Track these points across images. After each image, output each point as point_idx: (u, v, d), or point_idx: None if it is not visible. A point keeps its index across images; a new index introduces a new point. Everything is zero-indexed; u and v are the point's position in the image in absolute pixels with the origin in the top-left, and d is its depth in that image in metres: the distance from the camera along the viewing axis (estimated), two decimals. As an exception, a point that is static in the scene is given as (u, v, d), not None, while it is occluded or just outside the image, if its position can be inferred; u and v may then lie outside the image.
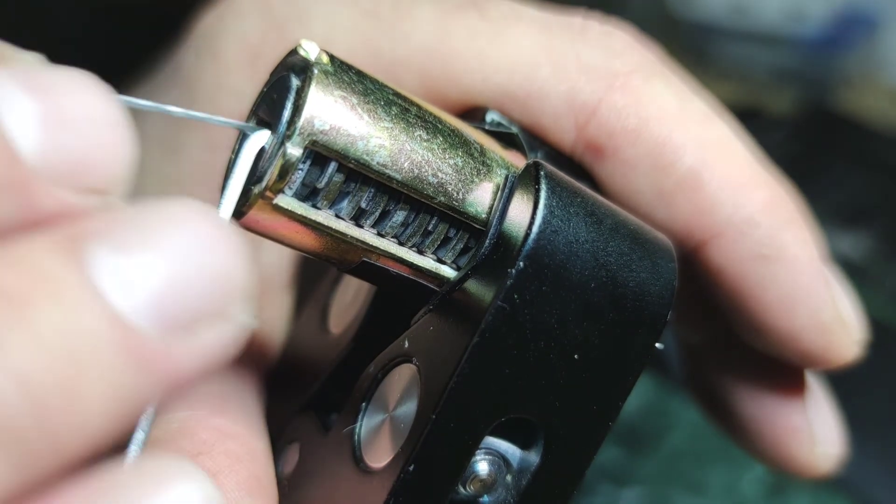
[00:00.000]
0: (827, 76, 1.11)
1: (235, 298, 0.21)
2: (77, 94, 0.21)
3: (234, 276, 0.21)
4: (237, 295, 0.21)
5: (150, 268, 0.20)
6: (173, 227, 0.20)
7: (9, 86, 0.20)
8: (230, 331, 0.21)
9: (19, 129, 0.20)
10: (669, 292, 0.28)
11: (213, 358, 0.21)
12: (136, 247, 0.20)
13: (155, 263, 0.20)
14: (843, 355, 0.33)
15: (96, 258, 0.19)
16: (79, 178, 0.21)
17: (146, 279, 0.20)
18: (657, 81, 0.32)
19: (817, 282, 0.32)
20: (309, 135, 0.25)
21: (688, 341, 0.40)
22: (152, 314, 0.20)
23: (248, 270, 0.21)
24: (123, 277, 0.19)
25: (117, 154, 0.21)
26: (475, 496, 0.28)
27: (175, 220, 0.20)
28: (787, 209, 0.33)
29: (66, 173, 0.20)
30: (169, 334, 0.20)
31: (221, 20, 0.37)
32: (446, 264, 0.28)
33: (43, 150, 0.20)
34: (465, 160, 0.28)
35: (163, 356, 0.20)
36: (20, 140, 0.20)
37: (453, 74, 0.32)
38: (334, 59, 0.26)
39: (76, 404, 0.19)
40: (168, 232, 0.20)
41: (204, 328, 0.20)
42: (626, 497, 0.59)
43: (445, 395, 0.26)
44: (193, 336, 0.20)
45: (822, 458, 0.36)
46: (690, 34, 1.11)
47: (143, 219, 0.20)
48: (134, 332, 0.19)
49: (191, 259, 0.20)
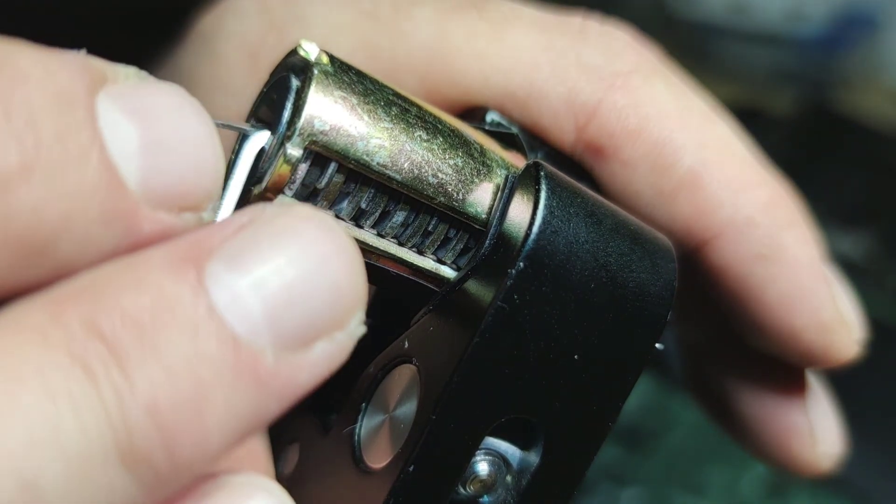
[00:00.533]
0: (827, 76, 1.11)
1: (352, 309, 0.21)
2: (172, 114, 0.21)
3: (350, 286, 0.21)
4: (353, 305, 0.21)
5: (267, 285, 0.20)
6: (290, 241, 0.20)
7: (111, 111, 0.20)
8: (344, 341, 0.21)
9: (122, 156, 0.20)
10: (669, 292, 0.28)
11: (327, 369, 0.21)
12: (254, 263, 0.20)
13: (273, 280, 0.20)
14: (844, 354, 0.33)
15: (215, 279, 0.20)
16: (176, 200, 0.21)
17: (264, 298, 0.20)
18: (657, 81, 0.32)
19: (817, 281, 0.32)
20: (309, 135, 0.25)
21: (688, 341, 0.40)
22: (269, 333, 0.20)
23: (363, 279, 0.21)
24: (241, 298, 0.20)
25: (210, 172, 0.21)
26: (475, 496, 0.28)
27: (292, 232, 0.20)
28: (787, 209, 0.33)
29: (165, 196, 0.21)
30: (286, 351, 0.20)
31: (221, 20, 0.37)
32: (446, 265, 0.28)
33: (144, 175, 0.20)
34: (465, 160, 0.28)
35: (280, 374, 0.20)
36: (124, 168, 0.20)
37: (453, 75, 0.32)
38: (334, 60, 0.26)
39: (201, 427, 0.19)
40: (285, 246, 0.20)
41: (320, 342, 0.21)
42: (626, 497, 0.59)
43: (445, 396, 0.26)
44: (309, 351, 0.20)
45: (823, 457, 0.36)
46: (690, 34, 1.11)
47: (260, 232, 0.20)
48: (253, 353, 0.20)
49: (309, 273, 0.20)
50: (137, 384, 0.19)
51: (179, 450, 0.19)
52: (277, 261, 0.20)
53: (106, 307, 0.19)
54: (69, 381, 0.18)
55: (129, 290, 0.19)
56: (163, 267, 0.20)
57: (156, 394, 0.19)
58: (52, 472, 0.18)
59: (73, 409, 0.18)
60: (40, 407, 0.18)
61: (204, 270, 0.20)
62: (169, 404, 0.19)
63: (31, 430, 0.18)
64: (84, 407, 0.18)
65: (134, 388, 0.19)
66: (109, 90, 0.20)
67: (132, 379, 0.19)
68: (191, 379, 0.19)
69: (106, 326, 0.19)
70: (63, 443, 0.18)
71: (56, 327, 0.19)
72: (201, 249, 0.20)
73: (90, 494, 0.19)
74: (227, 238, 0.20)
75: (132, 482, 0.19)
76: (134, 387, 0.19)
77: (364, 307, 0.21)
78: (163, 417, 0.19)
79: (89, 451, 0.18)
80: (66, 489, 0.18)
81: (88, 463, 0.18)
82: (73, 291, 0.19)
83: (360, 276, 0.21)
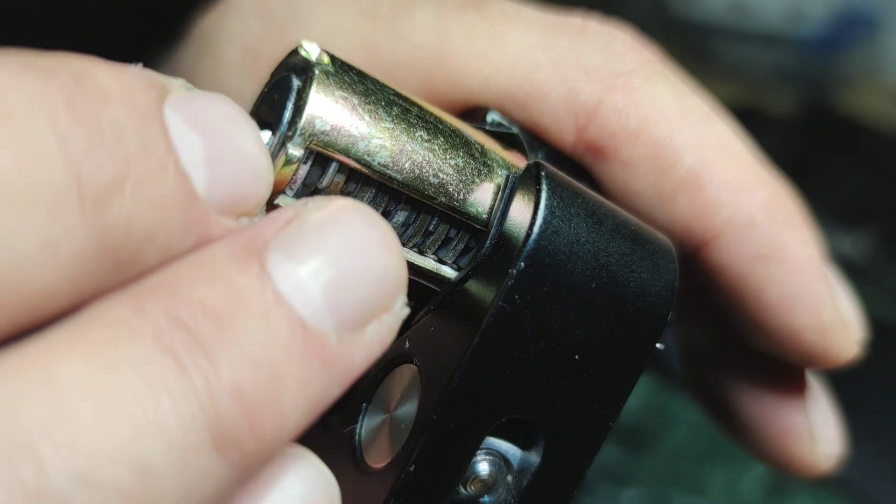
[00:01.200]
0: (827, 76, 1.11)
1: (396, 292, 0.22)
2: (228, 125, 0.22)
3: (394, 270, 0.22)
4: (397, 288, 0.22)
5: (324, 273, 0.21)
6: (339, 232, 0.22)
7: (178, 123, 0.21)
8: (391, 323, 0.23)
9: (192, 166, 0.21)
10: (670, 293, 0.28)
11: (379, 350, 0.22)
12: (309, 253, 0.21)
13: (328, 269, 0.21)
14: (844, 355, 0.33)
15: (277, 268, 0.21)
16: (237, 206, 0.22)
17: (322, 284, 0.21)
18: (657, 81, 0.32)
19: (817, 281, 0.32)
20: (310, 135, 0.25)
21: (688, 341, 0.40)
22: (330, 316, 0.21)
23: (404, 263, 0.23)
24: (303, 285, 0.21)
25: (264, 178, 0.23)
26: (476, 496, 0.28)
27: (340, 224, 0.22)
28: (788, 209, 0.33)
29: (228, 202, 0.22)
30: (345, 333, 0.22)
31: (221, 21, 0.37)
32: (447, 265, 0.28)
33: (210, 183, 0.21)
34: (466, 161, 0.28)
35: (342, 355, 0.21)
36: (194, 177, 0.21)
37: (453, 75, 0.32)
38: (335, 60, 0.26)
39: (279, 409, 0.20)
40: (335, 236, 0.22)
41: (371, 324, 0.22)
42: (626, 497, 0.59)
43: (446, 396, 0.26)
44: (364, 333, 0.22)
45: (823, 458, 0.36)
46: (690, 34, 1.11)
47: (311, 224, 0.22)
48: (319, 336, 0.21)
49: (359, 261, 0.22)
50: (222, 370, 0.20)
51: (262, 431, 0.20)
52: (329, 249, 0.21)
53: (184, 300, 0.20)
54: (162, 371, 0.19)
55: (201, 283, 0.20)
56: (228, 261, 0.21)
57: (239, 378, 0.20)
58: (158, 457, 0.19)
59: (169, 397, 0.19)
60: (140, 396, 0.19)
61: (266, 261, 0.21)
62: (251, 388, 0.20)
63: (135, 418, 0.19)
64: (179, 394, 0.19)
65: (220, 374, 0.20)
66: (171, 102, 0.21)
67: (217, 365, 0.20)
68: (268, 363, 0.20)
69: (187, 316, 0.20)
70: (164, 429, 0.19)
71: (142, 320, 0.20)
72: (260, 241, 0.21)
73: (191, 479, 0.19)
74: (278, 231, 0.22)
75: (223, 465, 0.20)
76: (220, 373, 0.20)
77: (406, 290, 0.23)
78: (247, 401, 0.20)
79: (187, 435, 0.19)
80: (171, 472, 0.19)
81: (187, 446, 0.19)
82: (151, 287, 0.20)
83: (402, 261, 0.23)
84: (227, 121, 0.22)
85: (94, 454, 0.18)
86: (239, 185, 0.22)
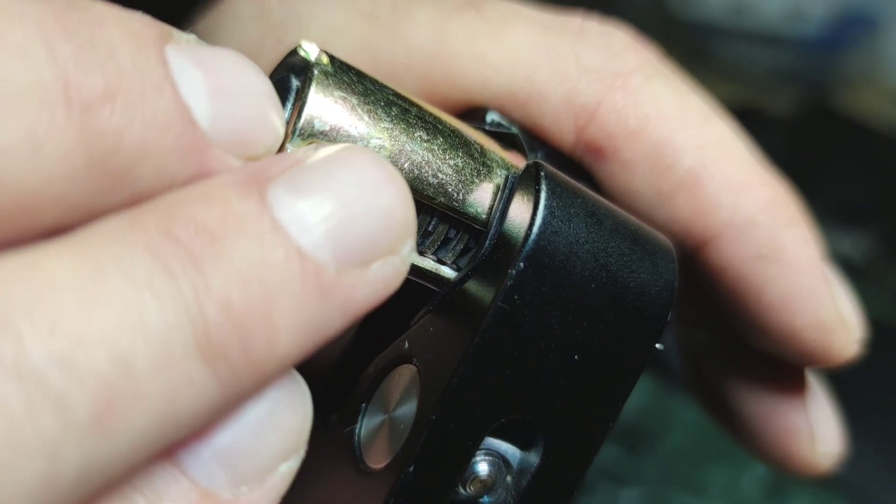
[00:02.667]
0: (827, 76, 1.11)
1: (403, 234, 0.23)
2: (234, 67, 0.22)
3: (402, 212, 0.23)
4: (405, 231, 0.23)
5: (326, 206, 0.22)
6: (344, 169, 0.22)
7: (181, 60, 0.22)
8: (398, 265, 0.23)
9: (193, 96, 0.21)
10: (670, 293, 0.28)
11: (384, 290, 0.23)
12: (313, 188, 0.22)
13: (330, 203, 0.22)
14: (844, 354, 0.33)
15: (277, 199, 0.21)
16: (242, 147, 0.22)
17: (323, 217, 0.21)
18: (657, 81, 0.32)
19: (817, 281, 0.32)
20: (309, 135, 0.25)
21: (688, 341, 0.40)
22: (331, 248, 0.21)
23: (412, 208, 0.23)
24: (302, 216, 0.21)
25: (273, 123, 0.23)
26: (475, 497, 0.28)
27: (346, 162, 0.22)
28: (787, 209, 0.33)
29: (233, 140, 0.22)
30: (346, 267, 0.22)
31: (218, 23, 0.37)
32: (446, 265, 0.28)
33: (213, 118, 0.22)
34: (466, 161, 0.28)
35: (341, 287, 0.22)
36: (195, 107, 0.21)
37: (453, 76, 0.32)
38: (334, 60, 0.26)
39: (271, 328, 0.21)
40: (340, 174, 0.22)
41: (376, 263, 0.22)
42: (626, 497, 0.59)
43: (445, 396, 0.26)
44: (367, 269, 0.22)
45: (823, 457, 0.36)
46: (690, 34, 1.11)
47: (316, 162, 0.22)
48: (316, 265, 0.21)
49: (363, 197, 0.22)
50: (212, 282, 0.20)
51: (252, 348, 0.20)
52: (334, 185, 0.22)
53: (179, 217, 0.20)
54: (150, 275, 0.20)
55: (199, 204, 0.21)
56: (229, 187, 0.21)
57: (229, 292, 0.20)
58: (139, 353, 0.19)
59: (155, 299, 0.19)
60: (124, 294, 0.19)
61: (266, 191, 0.21)
62: (242, 303, 0.20)
63: (118, 313, 0.19)
64: (165, 297, 0.20)
65: (209, 284, 0.20)
66: (175, 44, 0.22)
67: (207, 277, 0.20)
68: (260, 282, 0.20)
69: (180, 231, 0.20)
70: (147, 327, 0.19)
71: (135, 231, 0.20)
72: (263, 175, 0.22)
73: (173, 381, 0.20)
74: (286, 168, 0.22)
75: (210, 376, 0.20)
76: (209, 284, 0.20)
77: (415, 236, 0.23)
78: (236, 314, 0.20)
79: (171, 339, 0.20)
80: (152, 372, 0.19)
81: (171, 349, 0.20)
82: (148, 206, 0.21)
83: (410, 205, 0.23)
84: (235, 65, 0.22)
85: (73, 337, 0.19)
86: (245, 125, 0.22)
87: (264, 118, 0.23)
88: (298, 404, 0.23)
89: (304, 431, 0.23)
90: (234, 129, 0.22)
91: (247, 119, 0.22)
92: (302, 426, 0.23)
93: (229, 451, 0.22)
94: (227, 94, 0.22)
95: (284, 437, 0.23)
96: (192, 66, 0.22)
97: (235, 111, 0.22)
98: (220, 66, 0.22)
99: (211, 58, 0.22)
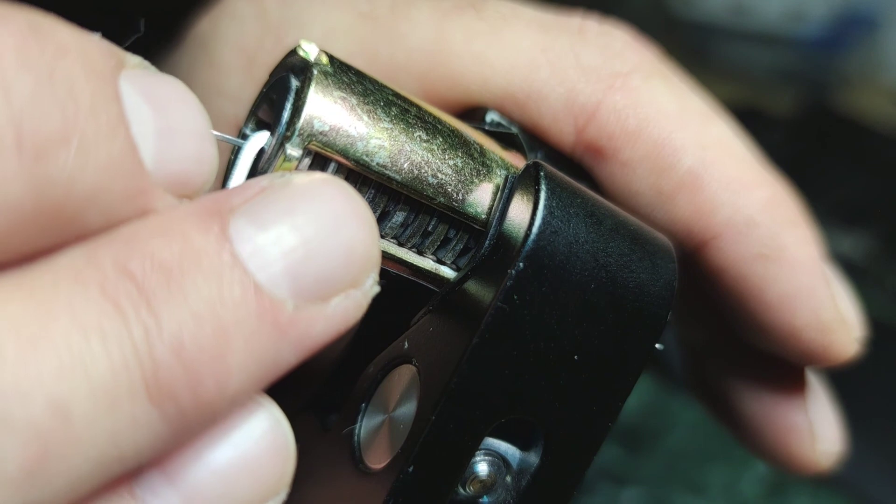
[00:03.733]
0: (827, 76, 1.11)
1: (366, 268, 0.22)
2: (180, 105, 0.22)
3: (365, 247, 0.22)
4: (367, 265, 0.22)
5: (287, 241, 0.21)
6: (310, 202, 0.22)
7: (133, 96, 0.21)
8: (359, 299, 0.22)
9: (142, 137, 0.21)
10: (669, 293, 0.28)
11: (342, 324, 0.22)
12: (275, 221, 0.21)
13: (292, 237, 0.21)
14: (844, 353, 0.33)
15: (238, 231, 0.21)
16: (181, 185, 0.22)
17: (284, 252, 0.21)
18: (656, 81, 0.32)
19: (817, 280, 0.32)
20: (308, 136, 0.25)
21: (688, 341, 0.40)
22: (289, 284, 0.21)
23: (377, 241, 0.23)
24: (263, 250, 0.21)
25: (210, 163, 0.23)
26: (475, 497, 0.28)
27: (311, 194, 0.22)
28: (787, 209, 0.33)
29: (173, 180, 0.22)
30: (304, 302, 0.21)
31: (217, 24, 0.37)
32: (446, 265, 0.28)
33: (158, 157, 0.21)
34: (465, 161, 0.28)
35: (298, 323, 0.21)
36: (143, 148, 0.21)
37: (452, 76, 0.32)
38: (334, 60, 0.26)
39: (223, 368, 0.20)
40: (304, 206, 0.22)
41: (336, 297, 0.22)
42: (626, 497, 0.59)
43: (445, 396, 0.26)
44: (327, 304, 0.22)
45: (823, 456, 0.36)
46: (690, 34, 1.11)
47: (279, 193, 0.22)
48: (273, 301, 0.21)
49: (325, 232, 0.22)
50: (165, 323, 0.20)
51: (202, 389, 0.20)
52: (297, 218, 0.21)
53: (137, 252, 0.20)
54: (100, 316, 0.19)
55: (157, 238, 0.20)
56: (189, 220, 0.21)
57: (182, 333, 0.20)
58: (79, 399, 0.19)
59: (102, 342, 0.19)
60: (70, 337, 0.19)
61: (228, 224, 0.21)
62: (194, 344, 0.20)
63: (60, 357, 0.19)
64: (113, 340, 0.19)
65: (161, 326, 0.20)
66: (127, 74, 0.21)
67: (160, 318, 0.20)
68: (215, 321, 0.20)
69: (136, 268, 0.20)
70: (91, 372, 0.19)
71: (89, 267, 0.20)
72: (225, 206, 0.21)
73: (116, 424, 0.19)
74: (249, 198, 0.22)
75: (158, 418, 0.20)
76: (161, 325, 0.20)
77: (378, 268, 0.23)
78: (188, 356, 0.20)
79: (116, 382, 0.19)
80: (93, 417, 0.19)
81: (115, 393, 0.19)
82: (107, 239, 0.20)
83: (374, 238, 0.22)
84: (180, 101, 0.22)
85: (8, 388, 0.18)
86: (185, 165, 0.22)
87: (202, 157, 0.22)
88: (273, 443, 0.22)
89: (283, 474, 0.23)
90: (175, 170, 0.22)
91: (186, 159, 0.22)
92: (281, 469, 0.23)
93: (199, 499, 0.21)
94: (172, 132, 0.22)
95: (259, 481, 0.22)
96: (143, 103, 0.21)
97: (177, 151, 0.22)
98: (167, 101, 0.22)
99: (159, 91, 0.22)
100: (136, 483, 0.21)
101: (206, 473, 0.21)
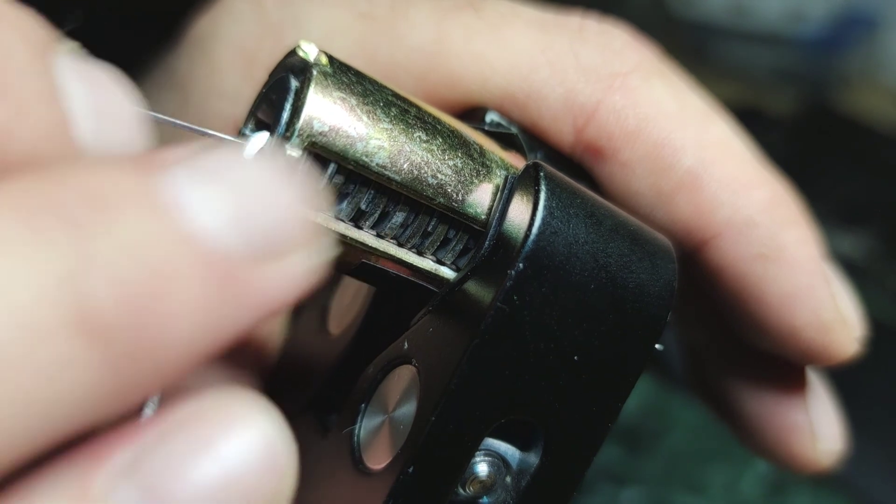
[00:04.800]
0: (827, 76, 1.11)
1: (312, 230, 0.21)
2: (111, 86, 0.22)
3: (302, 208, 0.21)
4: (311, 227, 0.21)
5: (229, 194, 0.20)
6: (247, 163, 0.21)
7: (69, 72, 0.21)
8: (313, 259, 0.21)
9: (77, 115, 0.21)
10: (669, 293, 0.28)
11: (296, 286, 0.21)
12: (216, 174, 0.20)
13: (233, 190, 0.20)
14: (844, 352, 0.33)
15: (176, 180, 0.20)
16: None
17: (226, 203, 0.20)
18: (656, 81, 0.32)
19: (817, 280, 0.32)
20: (308, 136, 0.25)
21: (688, 341, 0.40)
22: (234, 235, 0.20)
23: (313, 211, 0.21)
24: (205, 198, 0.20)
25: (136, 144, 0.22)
26: (475, 497, 0.28)
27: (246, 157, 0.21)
28: (787, 209, 0.33)
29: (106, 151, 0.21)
30: (254, 256, 0.20)
31: (216, 24, 0.37)
32: (446, 265, 0.28)
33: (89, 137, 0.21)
34: (465, 161, 0.28)
35: (247, 277, 0.20)
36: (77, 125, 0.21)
37: (451, 76, 0.32)
38: (333, 60, 0.26)
39: (165, 308, 0.19)
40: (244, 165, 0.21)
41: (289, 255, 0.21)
42: (626, 497, 0.59)
43: (445, 397, 0.26)
44: (279, 261, 0.20)
45: (823, 455, 0.36)
46: (690, 34, 1.12)
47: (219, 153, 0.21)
48: (216, 251, 0.20)
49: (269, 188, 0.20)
50: (100, 252, 0.18)
51: (143, 330, 0.19)
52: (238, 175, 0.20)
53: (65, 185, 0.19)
54: (26, 243, 0.18)
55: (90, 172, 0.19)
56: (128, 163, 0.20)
57: (119, 265, 0.18)
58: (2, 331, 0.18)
59: (26, 267, 0.18)
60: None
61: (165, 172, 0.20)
62: (131, 278, 0.18)
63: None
64: (39, 266, 0.18)
65: (96, 255, 0.18)
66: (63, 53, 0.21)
67: (95, 247, 0.18)
68: (150, 258, 0.19)
69: (67, 196, 0.19)
70: (14, 301, 0.18)
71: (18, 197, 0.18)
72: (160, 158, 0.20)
73: (50, 362, 0.18)
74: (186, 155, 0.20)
75: (94, 355, 0.18)
76: (96, 254, 0.18)
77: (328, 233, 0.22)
78: (123, 290, 0.18)
79: (45, 313, 0.18)
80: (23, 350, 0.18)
81: (45, 325, 0.18)
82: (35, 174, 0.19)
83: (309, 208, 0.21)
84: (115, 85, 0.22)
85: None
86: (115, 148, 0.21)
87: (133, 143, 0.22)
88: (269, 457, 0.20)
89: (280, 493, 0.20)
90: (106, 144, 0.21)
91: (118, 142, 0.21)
92: (277, 486, 0.20)
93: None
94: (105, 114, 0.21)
95: None
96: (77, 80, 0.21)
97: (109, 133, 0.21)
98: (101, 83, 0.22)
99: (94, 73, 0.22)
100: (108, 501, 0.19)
101: (187, 495, 0.19)
